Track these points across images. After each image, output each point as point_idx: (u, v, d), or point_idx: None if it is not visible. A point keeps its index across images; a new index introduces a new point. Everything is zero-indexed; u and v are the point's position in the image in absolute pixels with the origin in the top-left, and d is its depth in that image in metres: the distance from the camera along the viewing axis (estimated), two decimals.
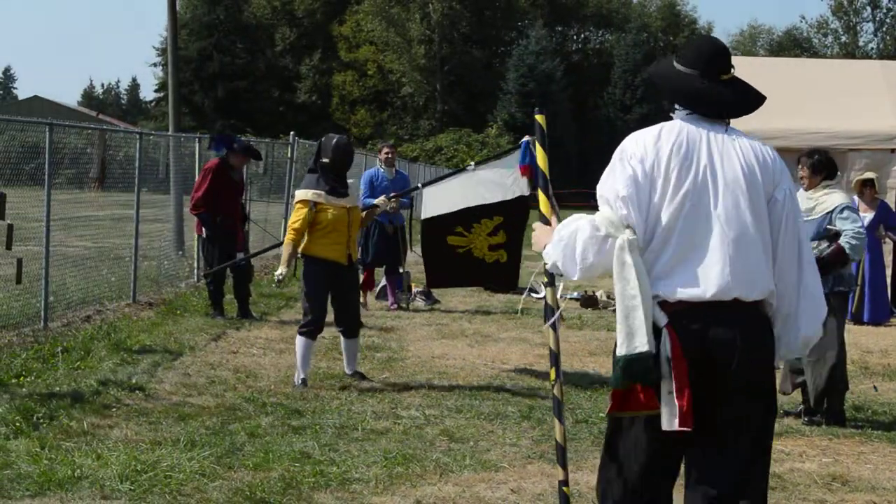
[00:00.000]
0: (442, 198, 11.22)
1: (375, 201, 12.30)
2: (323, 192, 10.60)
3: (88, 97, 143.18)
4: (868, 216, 15.21)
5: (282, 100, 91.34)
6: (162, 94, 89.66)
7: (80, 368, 10.88)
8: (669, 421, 4.45)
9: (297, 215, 10.62)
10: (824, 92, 18.51)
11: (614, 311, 16.44)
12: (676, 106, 4.83)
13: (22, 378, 10.22)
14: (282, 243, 19.60)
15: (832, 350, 9.53)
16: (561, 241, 4.66)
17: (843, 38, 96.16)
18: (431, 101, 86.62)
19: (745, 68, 22.33)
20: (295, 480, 7.41)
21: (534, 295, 6.50)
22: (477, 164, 11.40)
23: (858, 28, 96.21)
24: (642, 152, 4.61)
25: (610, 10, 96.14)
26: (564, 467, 5.70)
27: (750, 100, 4.89)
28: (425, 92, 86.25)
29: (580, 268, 4.62)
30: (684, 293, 4.51)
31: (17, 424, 8.52)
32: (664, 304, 4.53)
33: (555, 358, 5.80)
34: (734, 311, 4.54)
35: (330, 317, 10.80)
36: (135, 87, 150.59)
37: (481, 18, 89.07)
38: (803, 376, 9.83)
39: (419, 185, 12.84)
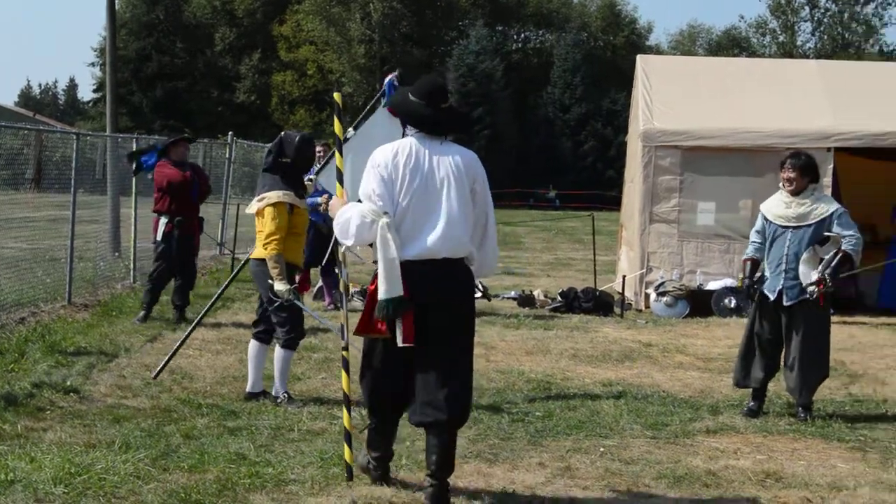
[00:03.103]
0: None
1: (320, 200, 11.59)
2: (292, 194, 9.93)
3: (26, 97, 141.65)
4: None
5: (221, 100, 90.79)
6: (100, 95, 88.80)
7: (13, 371, 10.78)
8: (402, 339, 6.77)
9: (279, 221, 9.75)
10: (762, 91, 18.65)
11: (551, 308, 16.28)
12: (408, 127, 7.01)
13: None
14: (221, 244, 19.57)
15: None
16: (338, 224, 6.90)
17: (781, 38, 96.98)
18: (371, 100, 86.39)
19: (684, 68, 22.38)
20: (230, 482, 7.39)
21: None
22: (354, 127, 10.63)
23: (796, 28, 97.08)
24: (385, 163, 6.83)
25: (550, 9, 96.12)
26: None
27: (461, 121, 7.82)
28: (365, 92, 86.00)
29: (353, 241, 6.87)
30: (412, 254, 6.77)
31: None
32: (402, 261, 6.72)
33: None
34: (445, 265, 6.85)
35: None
36: (73, 87, 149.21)
37: (422, 18, 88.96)
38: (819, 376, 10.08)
39: (325, 191, 11.43)
